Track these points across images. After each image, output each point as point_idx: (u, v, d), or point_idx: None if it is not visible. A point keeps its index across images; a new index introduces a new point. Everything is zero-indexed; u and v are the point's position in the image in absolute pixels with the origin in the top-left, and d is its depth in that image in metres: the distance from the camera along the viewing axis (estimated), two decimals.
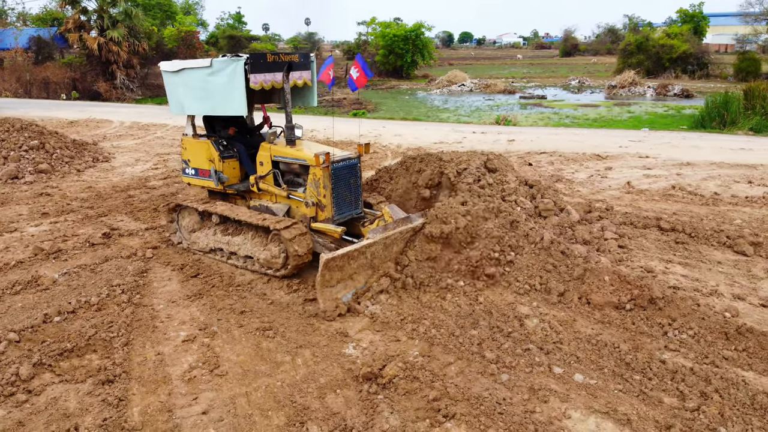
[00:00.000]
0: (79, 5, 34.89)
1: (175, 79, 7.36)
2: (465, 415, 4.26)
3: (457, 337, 5.32)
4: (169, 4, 56.08)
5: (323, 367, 4.92)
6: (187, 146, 7.74)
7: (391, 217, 6.69)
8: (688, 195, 10.25)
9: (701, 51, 46.52)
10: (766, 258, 7.31)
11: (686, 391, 4.53)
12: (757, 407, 4.35)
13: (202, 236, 7.40)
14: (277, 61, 6.87)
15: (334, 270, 5.76)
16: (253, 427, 4.17)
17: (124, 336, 5.40)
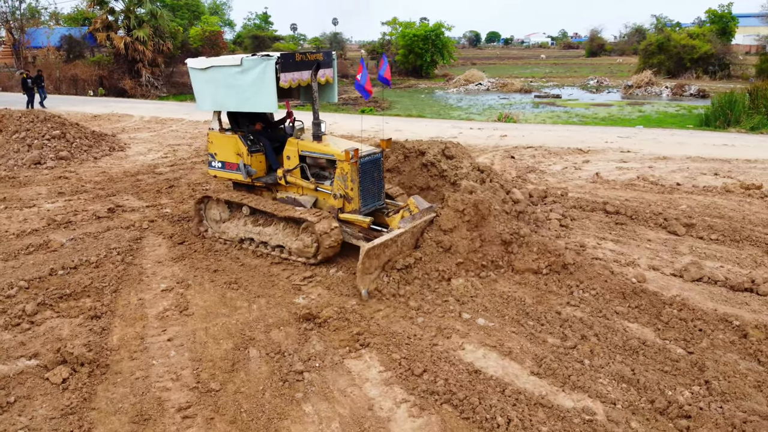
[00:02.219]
0: (107, 6, 36.57)
1: (203, 76, 7.56)
2: (378, 345, 5.21)
3: (392, 292, 6.25)
4: (197, 5, 57.79)
5: (274, 311, 5.91)
6: (213, 140, 7.99)
7: (417, 207, 7.03)
8: (649, 185, 11.00)
9: (723, 51, 46.13)
10: (696, 238, 8.08)
11: (569, 334, 5.41)
12: (626, 348, 5.21)
13: (231, 227, 7.72)
14: (304, 60, 7.18)
15: (373, 258, 6.15)
16: (206, 349, 5.18)
17: (114, 286, 6.47)
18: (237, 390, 4.62)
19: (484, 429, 4.16)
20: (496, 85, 42.95)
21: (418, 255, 6.56)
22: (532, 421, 4.21)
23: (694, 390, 4.60)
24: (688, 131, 18.66)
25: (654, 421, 4.25)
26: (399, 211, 7.29)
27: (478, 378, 4.75)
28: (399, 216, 7.07)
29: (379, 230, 7.00)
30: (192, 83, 7.79)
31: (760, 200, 9.88)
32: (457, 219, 6.61)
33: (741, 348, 5.21)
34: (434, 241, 6.62)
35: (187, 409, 4.39)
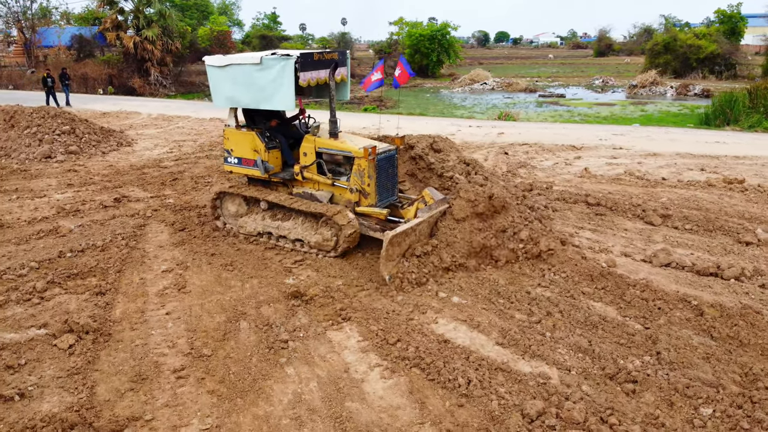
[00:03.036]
0: (117, 6, 37.23)
1: (221, 74, 7.66)
2: (359, 319, 5.67)
3: (376, 273, 6.70)
4: (206, 5, 58.45)
5: (265, 290, 6.37)
6: (230, 137, 8.06)
7: (432, 198, 7.30)
8: (635, 179, 11.38)
9: (729, 51, 46.09)
10: (671, 228, 8.47)
11: (536, 310, 5.84)
12: (586, 324, 5.63)
13: (249, 221, 7.90)
14: (321, 60, 7.38)
15: (395, 246, 6.40)
16: (200, 322, 5.65)
17: (118, 267, 6.96)
18: (227, 355, 5.08)
19: (446, 388, 4.60)
20: (501, 84, 43.26)
21: (434, 242, 6.84)
22: (491, 383, 4.65)
23: (644, 359, 5.02)
24: (683, 129, 19.00)
25: (603, 385, 4.67)
26: (413, 203, 7.56)
27: (447, 346, 5.19)
28: (414, 207, 7.33)
29: (396, 221, 7.26)
30: (209, 80, 7.89)
31: (740, 194, 10.25)
32: (469, 209, 6.91)
33: (696, 325, 5.62)
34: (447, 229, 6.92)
35: (181, 371, 4.85)
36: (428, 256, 6.69)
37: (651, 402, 4.45)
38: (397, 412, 4.36)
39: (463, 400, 4.46)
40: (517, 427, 4.11)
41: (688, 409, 4.38)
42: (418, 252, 6.68)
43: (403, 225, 6.62)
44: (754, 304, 6.01)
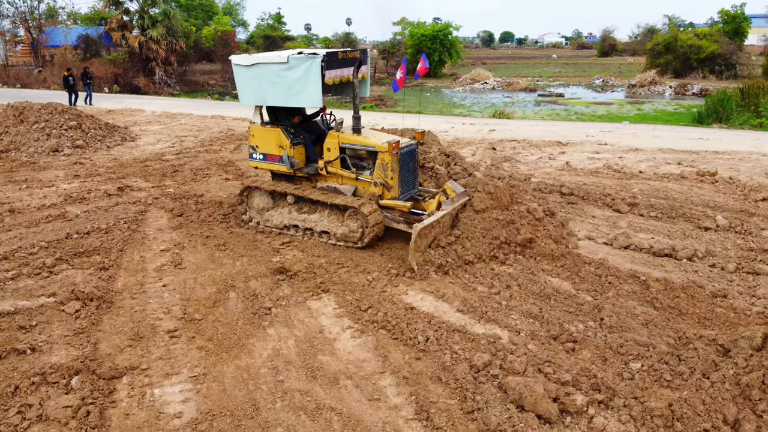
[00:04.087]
0: (122, 6, 37.99)
1: (247, 73, 7.89)
2: (337, 290, 6.29)
3: (357, 252, 7.31)
4: (211, 5, 59.19)
5: (254, 267, 6.98)
6: (255, 133, 8.28)
7: (454, 191, 7.58)
8: (612, 172, 11.95)
9: (729, 52, 46.35)
10: (637, 215, 9.04)
11: (497, 284, 6.43)
12: (541, 295, 6.23)
13: (276, 214, 8.13)
14: (345, 58, 7.67)
15: (423, 237, 6.68)
16: (193, 292, 6.27)
17: (120, 246, 7.60)
18: (216, 319, 5.70)
19: (407, 345, 5.20)
20: (501, 84, 43.81)
21: (457, 233, 7.16)
22: (447, 341, 5.25)
23: (587, 324, 5.61)
24: (669, 126, 19.52)
25: (547, 344, 5.26)
26: (434, 195, 7.85)
27: (412, 312, 5.79)
28: (436, 200, 7.58)
29: (418, 213, 7.56)
30: (235, 79, 8.11)
31: (710, 185, 10.81)
32: (488, 200, 7.36)
33: (641, 297, 6.21)
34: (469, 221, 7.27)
35: (174, 331, 5.47)
36: (452, 246, 7.01)
37: (587, 358, 5.05)
38: (363, 363, 4.97)
39: (421, 354, 5.07)
40: (464, 374, 4.71)
41: (620, 364, 4.96)
42: (442, 243, 6.98)
43: (430, 218, 6.86)
44: (699, 280, 6.60)
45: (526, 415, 4.24)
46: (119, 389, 4.60)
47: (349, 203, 7.36)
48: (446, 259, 6.85)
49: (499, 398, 4.43)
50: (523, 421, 4.16)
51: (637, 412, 4.38)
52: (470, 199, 7.41)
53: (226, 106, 26.14)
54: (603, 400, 4.47)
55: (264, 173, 8.98)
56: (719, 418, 4.34)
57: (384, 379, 4.76)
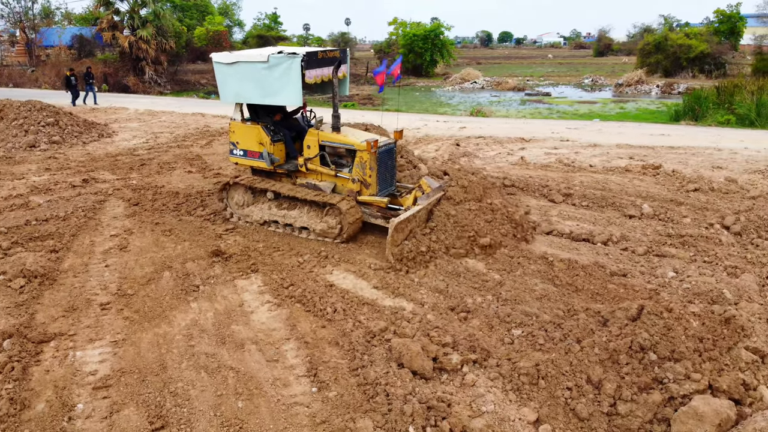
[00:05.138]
0: (113, 6, 38.53)
1: (228, 71, 8.03)
2: (265, 271, 6.81)
3: (295, 238, 7.83)
4: (206, 5, 59.66)
5: (194, 251, 7.49)
6: (235, 130, 8.45)
7: (429, 186, 7.82)
8: (562, 166, 12.45)
9: (719, 51, 46.72)
10: (570, 204, 9.55)
11: (413, 265, 6.93)
12: (453, 274, 6.74)
13: (255, 210, 8.32)
14: (325, 58, 7.80)
15: (400, 231, 6.89)
16: (132, 272, 6.79)
17: (73, 232, 8.11)
18: (146, 295, 6.22)
19: (316, 315, 5.73)
20: (490, 83, 44.34)
21: (432, 225, 7.38)
22: (355, 312, 5.77)
23: (486, 298, 6.12)
24: (636, 123, 20.04)
25: (444, 314, 5.78)
26: (411, 191, 8.09)
27: (330, 289, 6.31)
28: (412, 196, 7.82)
29: (395, 209, 7.82)
30: (216, 76, 8.24)
31: (651, 177, 11.31)
32: (463, 194, 7.79)
33: (544, 275, 6.72)
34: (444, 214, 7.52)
35: (106, 305, 5.99)
36: (427, 237, 7.23)
37: (476, 326, 5.56)
38: (272, 332, 5.48)
39: (326, 323, 5.59)
40: (359, 338, 5.23)
41: (503, 331, 5.48)
42: (417, 236, 7.20)
43: (406, 212, 7.11)
44: (604, 261, 7.11)
45: (402, 371, 4.75)
46: (46, 351, 5.12)
47: (327, 200, 7.56)
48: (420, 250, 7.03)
49: (385, 358, 4.95)
50: (398, 376, 4.67)
51: (506, 370, 4.90)
52: (445, 194, 7.72)
53: (208, 104, 26.67)
54: (477, 360, 4.99)
55: (245, 169, 9.14)
56: (583, 378, 4.85)
57: (288, 344, 5.27)
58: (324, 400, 4.46)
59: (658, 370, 4.84)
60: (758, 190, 10.24)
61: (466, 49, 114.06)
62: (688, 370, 4.87)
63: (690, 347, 5.02)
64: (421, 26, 54.22)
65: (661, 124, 20.02)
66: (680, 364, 4.91)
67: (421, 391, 4.55)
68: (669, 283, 6.47)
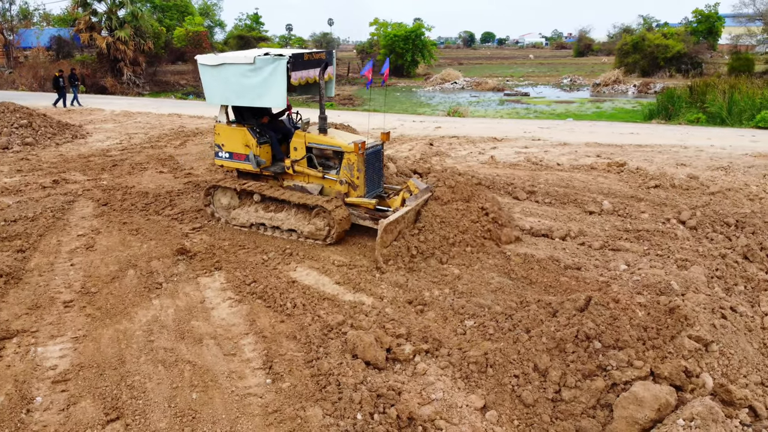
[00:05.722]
0: (90, 7, 38.27)
1: (214, 73, 8.01)
2: (228, 268, 6.93)
3: (261, 236, 7.96)
4: (186, 5, 59.36)
5: (160, 249, 7.59)
6: (221, 132, 8.41)
7: (417, 187, 7.90)
8: (531, 164, 12.71)
9: (696, 51, 47.48)
10: (533, 201, 9.78)
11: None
12: (413, 269, 6.90)
13: (242, 213, 8.25)
14: (311, 59, 7.79)
15: (389, 233, 6.90)
16: (97, 270, 6.88)
17: (41, 232, 8.16)
18: (109, 293, 6.32)
19: (276, 311, 5.87)
20: (470, 84, 44.76)
21: (420, 226, 7.42)
22: (315, 307, 5.92)
23: (443, 291, 6.31)
24: (608, 122, 20.41)
25: (402, 308, 5.95)
26: (398, 192, 8.11)
27: (293, 285, 6.46)
28: (400, 197, 7.86)
29: (383, 210, 7.81)
30: (201, 78, 8.21)
31: (615, 175, 11.60)
32: (450, 194, 7.89)
33: (501, 269, 6.92)
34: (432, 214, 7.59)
35: (69, 302, 6.09)
36: (415, 238, 7.27)
37: (431, 318, 5.75)
38: (231, 327, 5.62)
39: (285, 318, 5.73)
40: (316, 332, 5.38)
41: (457, 322, 5.67)
42: (406, 236, 7.24)
43: (395, 214, 7.12)
44: (560, 255, 7.33)
45: (356, 362, 4.92)
46: (8, 347, 5.21)
47: (315, 202, 7.55)
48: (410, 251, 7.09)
49: (340, 350, 5.12)
50: (351, 367, 4.84)
51: (456, 359, 5.08)
52: (432, 195, 7.81)
53: (186, 105, 26.64)
54: (429, 350, 5.17)
55: (226, 171, 9.16)
56: (530, 366, 5.05)
57: (246, 339, 5.41)
58: (277, 391, 4.61)
59: (602, 357, 5.04)
60: (718, 186, 10.57)
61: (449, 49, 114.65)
62: (631, 357, 5.08)
63: (634, 336, 5.23)
64: (402, 27, 54.50)
65: (632, 123, 20.41)
66: (624, 352, 5.12)
67: (372, 380, 4.72)
68: (620, 276, 6.71)
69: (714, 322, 5.79)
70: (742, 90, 22.74)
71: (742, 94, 22.12)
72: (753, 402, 5.06)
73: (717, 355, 5.46)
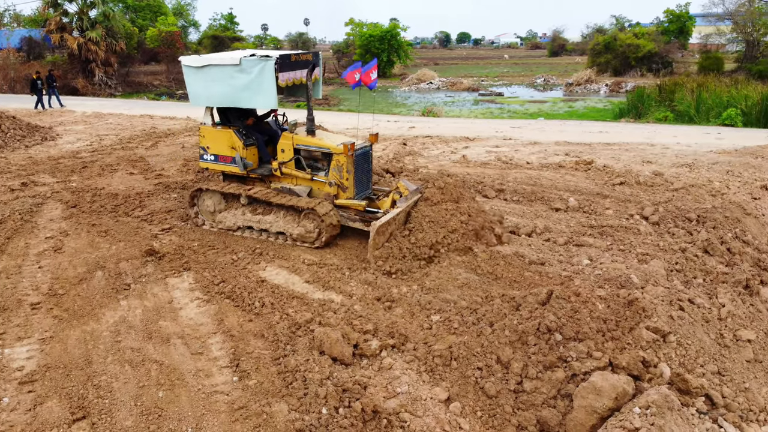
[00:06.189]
0: (61, 8, 37.70)
1: (198, 74, 7.91)
2: (197, 269, 6.95)
3: (231, 237, 7.99)
4: (159, 5, 58.71)
5: (129, 251, 7.58)
6: (206, 134, 8.27)
7: (407, 189, 7.87)
8: (500, 163, 12.90)
9: (666, 50, 48.36)
10: (501, 199, 9.95)
11: (345, 257, 7.19)
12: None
13: (229, 216, 8.16)
14: (298, 61, 7.72)
15: (381, 234, 6.91)
16: (65, 272, 6.85)
17: (9, 235, 8.09)
18: (77, 294, 6.31)
19: (244, 310, 5.93)
20: (446, 84, 45.10)
21: (410, 226, 7.39)
22: (283, 306, 5.99)
23: (411, 288, 6.43)
24: (578, 121, 20.76)
25: (371, 304, 6.06)
26: (388, 194, 8.12)
27: (262, 285, 6.51)
28: (390, 198, 7.87)
29: (373, 212, 7.80)
30: (185, 80, 8.10)
31: (583, 173, 11.84)
32: (440, 195, 7.88)
33: (468, 265, 7.05)
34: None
35: (37, 305, 6.07)
36: (406, 239, 7.25)
37: (399, 314, 5.86)
38: (199, 326, 5.66)
39: (253, 317, 5.79)
40: (283, 330, 5.45)
41: (424, 317, 5.79)
42: (398, 237, 7.23)
43: (387, 215, 7.12)
44: (524, 251, 7.49)
45: (322, 358, 5.00)
46: None
47: (306, 204, 7.51)
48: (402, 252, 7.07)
49: (307, 347, 5.19)
50: (318, 363, 4.92)
51: (422, 353, 5.20)
52: (422, 196, 7.79)
53: (158, 106, 26.41)
54: (395, 345, 5.28)
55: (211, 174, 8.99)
56: (493, 358, 5.18)
57: (214, 338, 5.46)
58: (244, 388, 4.67)
59: (562, 349, 5.19)
60: (681, 183, 10.86)
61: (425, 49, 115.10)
62: (591, 349, 5.24)
63: (594, 328, 5.39)
64: (378, 27, 54.67)
65: (601, 122, 20.78)
66: (583, 343, 5.27)
67: (338, 376, 4.81)
68: (582, 270, 6.89)
69: (672, 313, 5.99)
70: (710, 88, 23.34)
71: (710, 93, 22.70)
72: (709, 391, 5.27)
73: (674, 345, 5.65)
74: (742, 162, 12.96)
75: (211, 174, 9.33)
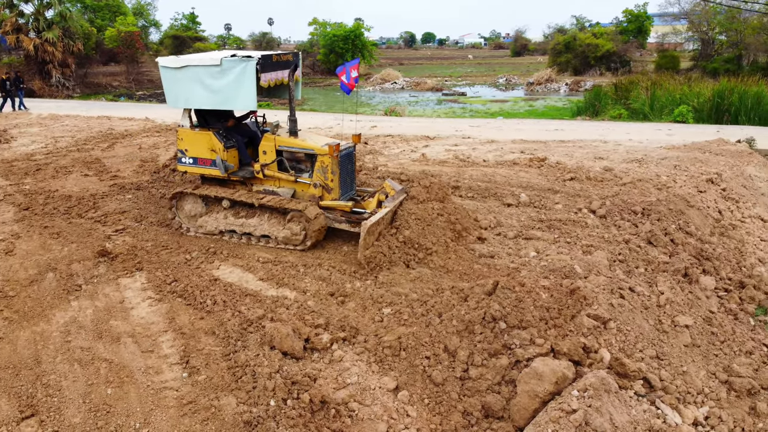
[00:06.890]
0: (17, 8, 36.73)
1: (177, 75, 7.76)
2: (150, 268, 6.96)
3: (184, 236, 8.00)
4: (118, 5, 57.60)
5: (81, 252, 7.54)
6: (184, 137, 8.12)
7: (393, 189, 7.88)
8: (458, 161, 13.14)
9: (624, 50, 49.53)
10: (457, 196, 10.16)
11: (305, 254, 7.29)
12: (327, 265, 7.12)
13: (210, 220, 8.04)
14: (279, 61, 7.65)
15: (371, 234, 6.89)
16: (15, 275, 6.79)
17: None
18: (27, 296, 6.28)
19: (196, 308, 5.98)
20: (410, 84, 45.42)
21: (397, 224, 7.40)
22: (236, 303, 6.06)
23: (365, 283, 6.57)
24: (534, 120, 21.23)
25: (324, 300, 6.18)
26: (373, 194, 8.12)
27: (214, 283, 6.57)
28: (375, 199, 7.86)
29: (359, 212, 7.71)
30: (163, 81, 7.96)
31: (536, 169, 12.15)
32: (425, 193, 7.94)
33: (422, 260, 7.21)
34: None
35: None
36: (394, 237, 7.26)
37: (351, 308, 5.99)
38: (150, 325, 5.70)
39: (205, 315, 5.86)
40: (235, 327, 5.53)
41: (375, 310, 5.94)
42: (386, 236, 7.23)
43: (376, 215, 7.09)
44: (474, 245, 7.70)
45: (273, 352, 5.10)
46: None
47: (291, 206, 7.46)
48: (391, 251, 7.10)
49: (258, 342, 5.28)
50: (268, 358, 5.02)
51: (372, 345, 5.34)
52: (407, 196, 7.82)
53: (116, 107, 26.04)
54: (346, 338, 5.41)
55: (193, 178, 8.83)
56: (441, 347, 5.36)
57: (164, 336, 5.51)
58: (193, 384, 4.75)
59: (507, 337, 5.40)
60: (630, 178, 11.24)
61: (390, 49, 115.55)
62: (534, 336, 5.45)
63: (537, 316, 5.61)
64: (341, 27, 54.71)
65: (558, 120, 21.27)
66: (527, 331, 5.49)
67: (288, 369, 4.91)
68: (529, 262, 7.13)
69: (612, 301, 6.26)
70: (665, 86, 24.05)
71: (664, 91, 23.38)
72: (647, 374, 5.53)
73: (615, 331, 5.91)
74: (690, 157, 13.46)
75: (168, 174, 9.32)
